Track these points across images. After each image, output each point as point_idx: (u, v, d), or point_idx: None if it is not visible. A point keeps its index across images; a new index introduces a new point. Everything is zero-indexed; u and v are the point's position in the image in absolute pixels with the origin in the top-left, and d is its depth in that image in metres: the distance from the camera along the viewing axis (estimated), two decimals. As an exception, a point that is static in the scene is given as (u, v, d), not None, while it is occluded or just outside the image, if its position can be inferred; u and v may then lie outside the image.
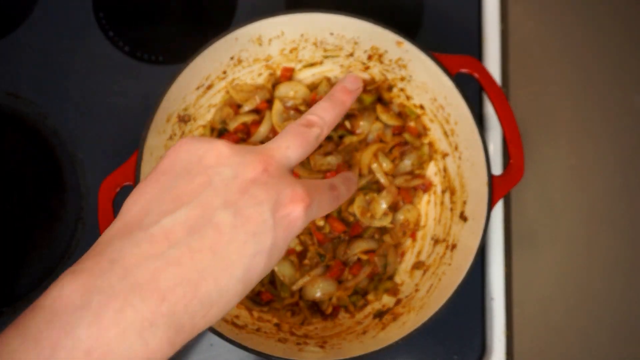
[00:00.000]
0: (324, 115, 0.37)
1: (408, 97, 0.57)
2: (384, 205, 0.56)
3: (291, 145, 0.35)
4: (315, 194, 0.33)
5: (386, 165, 0.56)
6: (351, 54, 0.56)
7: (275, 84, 0.58)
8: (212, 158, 0.32)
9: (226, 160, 0.32)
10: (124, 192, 0.48)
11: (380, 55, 0.55)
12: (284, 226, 0.31)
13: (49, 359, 0.25)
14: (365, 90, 0.58)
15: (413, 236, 0.57)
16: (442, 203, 0.56)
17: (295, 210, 0.31)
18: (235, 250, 0.29)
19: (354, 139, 0.57)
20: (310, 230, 0.55)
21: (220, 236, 0.29)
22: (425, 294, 0.52)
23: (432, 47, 0.52)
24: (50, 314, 0.26)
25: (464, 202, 0.53)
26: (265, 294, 0.55)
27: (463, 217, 0.53)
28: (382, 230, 0.57)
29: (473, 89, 0.56)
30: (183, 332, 0.28)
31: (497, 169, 0.59)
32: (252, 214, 0.30)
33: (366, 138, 0.57)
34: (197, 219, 0.29)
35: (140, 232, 0.28)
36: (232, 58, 0.54)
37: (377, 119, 0.57)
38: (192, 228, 0.29)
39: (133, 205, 0.30)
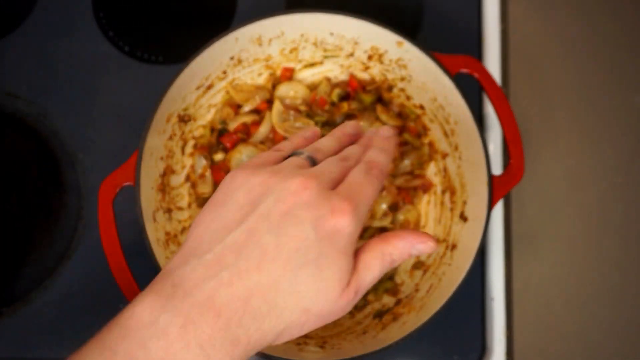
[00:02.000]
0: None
1: (408, 97, 0.57)
2: (383, 206, 0.56)
3: (332, 170, 0.37)
4: (356, 194, 0.35)
5: (386, 165, 0.56)
6: (351, 54, 0.56)
7: (275, 84, 0.58)
8: (257, 187, 0.34)
9: (270, 188, 0.34)
10: (124, 192, 0.49)
11: (380, 55, 0.55)
12: (329, 238, 0.33)
13: None
14: (365, 90, 0.58)
15: (413, 236, 0.57)
16: (442, 203, 0.56)
17: (339, 221, 0.33)
18: (279, 266, 0.32)
19: (354, 139, 0.57)
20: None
21: (264, 256, 0.32)
22: (425, 294, 0.52)
23: (432, 47, 0.52)
24: (124, 330, 0.30)
25: (464, 202, 0.53)
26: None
27: (463, 217, 0.53)
28: (382, 231, 0.57)
29: (473, 89, 0.56)
30: (240, 344, 0.31)
31: (497, 169, 0.59)
32: (294, 232, 0.32)
33: (366, 138, 0.57)
34: (244, 243, 0.32)
35: (195, 260, 0.32)
36: (232, 58, 0.54)
37: (377, 119, 0.57)
38: (240, 252, 0.32)
39: (190, 238, 0.34)
